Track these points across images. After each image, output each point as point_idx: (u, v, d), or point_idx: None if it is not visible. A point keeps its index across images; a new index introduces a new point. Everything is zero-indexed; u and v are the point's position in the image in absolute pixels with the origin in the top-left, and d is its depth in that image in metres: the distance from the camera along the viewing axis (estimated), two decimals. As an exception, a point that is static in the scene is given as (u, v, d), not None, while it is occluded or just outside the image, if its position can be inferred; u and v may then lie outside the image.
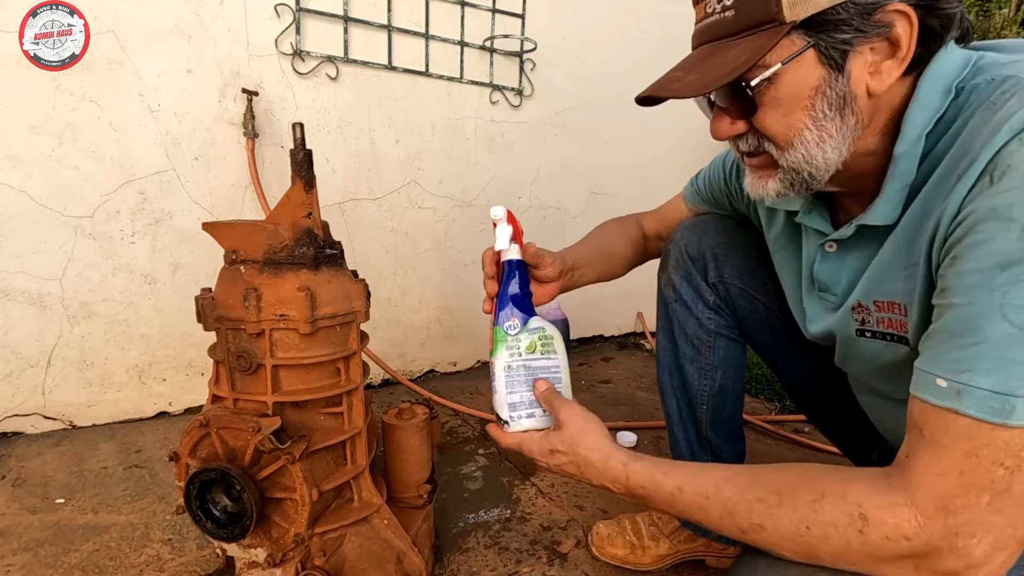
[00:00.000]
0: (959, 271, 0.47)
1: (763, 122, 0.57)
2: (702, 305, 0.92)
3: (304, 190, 0.78)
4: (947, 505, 0.46)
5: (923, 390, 0.48)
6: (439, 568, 0.98)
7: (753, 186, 0.64)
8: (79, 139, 1.31)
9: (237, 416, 0.73)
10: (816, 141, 0.56)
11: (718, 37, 0.57)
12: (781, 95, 0.55)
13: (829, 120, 0.55)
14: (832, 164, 0.57)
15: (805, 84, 0.54)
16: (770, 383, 1.84)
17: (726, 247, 0.91)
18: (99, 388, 1.43)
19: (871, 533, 0.48)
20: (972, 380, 0.45)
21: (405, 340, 1.83)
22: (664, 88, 0.59)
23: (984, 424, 0.44)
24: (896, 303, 0.59)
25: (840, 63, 0.53)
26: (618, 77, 2.05)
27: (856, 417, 0.86)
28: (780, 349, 0.94)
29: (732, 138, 0.62)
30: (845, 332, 0.68)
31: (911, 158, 0.55)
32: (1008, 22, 2.66)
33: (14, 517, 1.06)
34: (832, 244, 0.67)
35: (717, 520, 0.57)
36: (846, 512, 0.49)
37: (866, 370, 0.70)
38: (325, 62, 1.54)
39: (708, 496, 0.57)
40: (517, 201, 1.97)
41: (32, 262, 1.31)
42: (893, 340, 0.61)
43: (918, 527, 0.46)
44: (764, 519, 0.53)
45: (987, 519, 0.45)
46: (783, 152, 0.58)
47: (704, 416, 0.96)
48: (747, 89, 0.55)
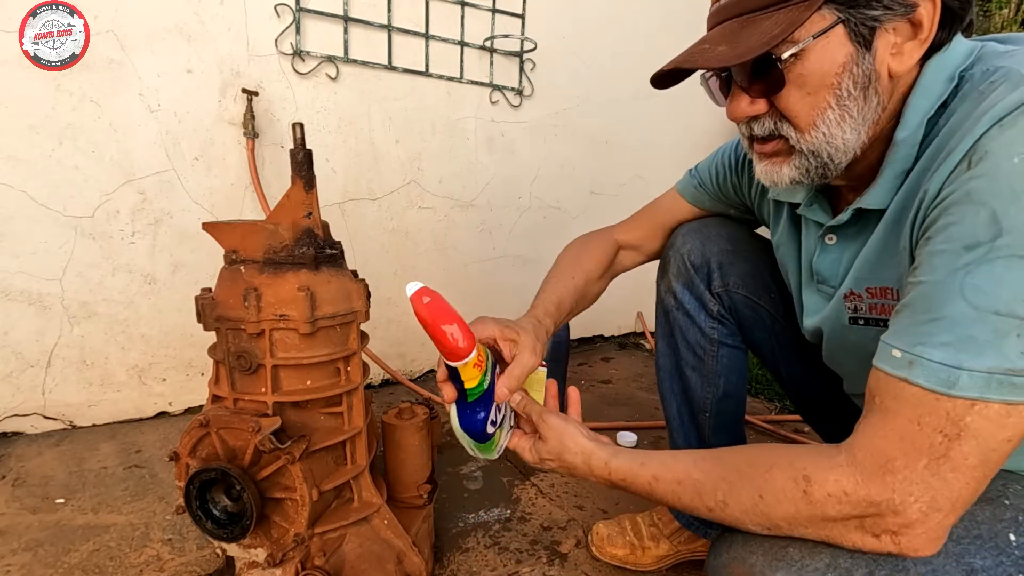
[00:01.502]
0: (930, 251, 0.49)
1: (787, 100, 0.56)
2: (705, 315, 0.91)
3: (304, 190, 0.78)
4: (886, 465, 0.48)
5: (881, 360, 0.50)
6: (439, 568, 0.98)
7: (766, 173, 0.62)
8: (79, 139, 1.31)
9: (237, 416, 0.73)
10: (838, 121, 0.55)
11: (746, 11, 0.55)
12: (808, 72, 0.54)
13: (852, 100, 0.54)
14: (851, 147, 0.56)
15: (833, 61, 0.53)
16: (770, 383, 1.84)
17: (730, 254, 0.89)
18: (99, 388, 1.43)
19: (814, 492, 0.51)
20: (924, 352, 0.46)
21: (405, 340, 1.83)
22: (692, 60, 0.57)
23: (930, 393, 0.46)
24: (888, 288, 0.60)
25: (868, 40, 0.52)
26: (618, 77, 2.05)
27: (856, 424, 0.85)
28: (783, 355, 0.93)
29: (747, 121, 0.60)
30: (838, 321, 0.68)
31: (910, 144, 0.56)
32: (1008, 22, 2.66)
33: (14, 517, 1.06)
34: (832, 236, 0.67)
35: (689, 502, 0.59)
36: (792, 477, 0.52)
37: (857, 363, 0.69)
38: (325, 62, 1.54)
39: (680, 481, 0.60)
40: (517, 201, 1.97)
41: (32, 262, 1.31)
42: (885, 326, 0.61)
43: (856, 483, 0.49)
44: (727, 495, 0.56)
45: (924, 480, 0.47)
46: (803, 134, 0.57)
47: (706, 423, 0.95)
48: (777, 63, 0.53)
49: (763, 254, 0.90)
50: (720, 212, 0.93)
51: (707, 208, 0.94)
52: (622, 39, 2.04)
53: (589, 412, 1.66)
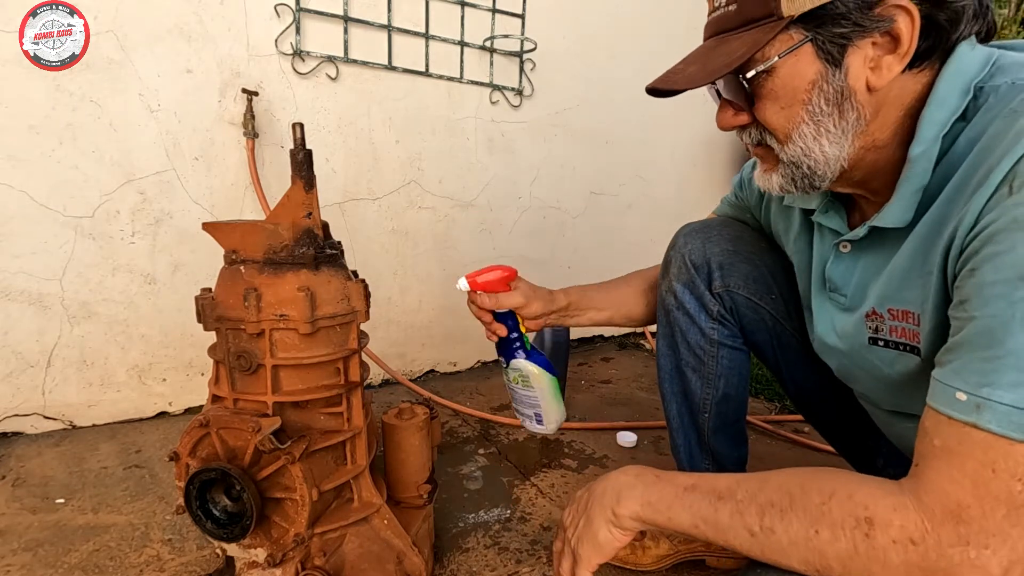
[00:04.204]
0: (979, 283, 0.46)
1: (763, 114, 0.58)
2: (705, 316, 0.91)
3: (304, 190, 0.78)
4: (959, 513, 0.44)
5: (942, 402, 0.47)
6: (439, 568, 0.98)
7: (760, 179, 0.65)
8: (79, 139, 1.31)
9: (237, 416, 0.73)
10: (813, 135, 0.56)
11: (722, 31, 0.58)
12: (779, 88, 0.56)
13: (826, 115, 0.55)
14: (833, 160, 0.57)
15: (802, 78, 0.54)
16: (770, 383, 1.84)
17: (731, 255, 0.89)
18: (99, 388, 1.43)
19: (877, 536, 0.46)
20: (993, 395, 0.43)
21: (405, 340, 1.83)
22: (667, 80, 0.61)
23: (1003, 439, 0.43)
24: (910, 312, 0.58)
25: (838, 58, 0.53)
26: (618, 77, 2.05)
27: (861, 424, 0.85)
28: (786, 357, 0.93)
29: (737, 130, 0.63)
30: (857, 340, 0.66)
31: (927, 160, 0.54)
32: (1008, 22, 2.66)
33: (14, 517, 1.06)
34: (846, 244, 0.66)
35: (727, 520, 0.55)
36: (853, 514, 0.48)
37: (875, 383, 0.69)
38: (325, 62, 1.54)
39: (721, 496, 0.56)
40: (517, 201, 1.97)
41: (32, 262, 1.31)
42: (905, 350, 0.60)
43: (924, 531, 0.45)
44: (775, 521, 0.52)
45: (1003, 530, 0.42)
46: (783, 146, 0.59)
47: (706, 424, 0.95)
48: (744, 82, 0.56)
49: (766, 255, 0.90)
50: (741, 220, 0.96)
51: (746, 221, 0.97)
52: (622, 39, 2.04)
53: (589, 412, 1.66)
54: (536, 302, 0.91)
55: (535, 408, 0.92)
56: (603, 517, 0.63)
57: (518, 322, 0.90)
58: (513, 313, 0.90)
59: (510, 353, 0.90)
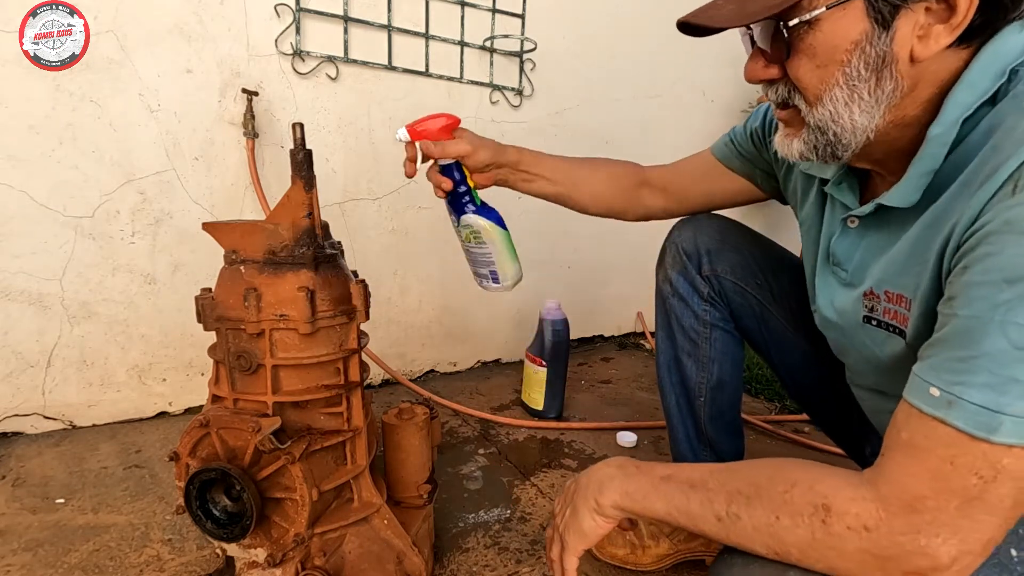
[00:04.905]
0: (967, 282, 0.46)
1: (796, 70, 0.54)
2: (697, 297, 0.95)
3: (304, 190, 0.78)
4: (914, 504, 0.45)
5: (915, 396, 0.47)
6: (439, 568, 0.98)
7: (780, 143, 0.62)
8: (79, 139, 1.31)
9: (237, 416, 0.73)
10: (845, 100, 0.53)
11: None
12: (818, 43, 0.52)
13: (863, 81, 0.52)
14: (861, 130, 0.54)
15: (845, 36, 0.51)
16: (770, 383, 1.84)
17: (719, 243, 0.94)
18: (99, 388, 1.43)
19: (833, 523, 0.48)
20: (964, 393, 0.44)
21: (405, 340, 1.83)
22: (702, 15, 0.56)
23: (966, 435, 0.43)
24: (903, 296, 0.58)
25: (888, 19, 0.49)
26: (618, 77, 2.04)
27: (851, 411, 0.86)
28: (775, 341, 0.96)
29: (764, 84, 0.59)
30: (853, 318, 0.67)
31: (942, 143, 0.52)
32: (1008, 22, 2.66)
33: (14, 517, 1.06)
34: (854, 220, 0.65)
35: (698, 508, 0.56)
36: (812, 502, 0.49)
37: (864, 362, 0.69)
38: (325, 62, 1.54)
39: (693, 485, 0.58)
40: (517, 201, 1.96)
41: (32, 262, 1.31)
42: (894, 332, 0.60)
43: (879, 520, 0.46)
44: (741, 509, 0.53)
45: (954, 521, 0.44)
46: (811, 108, 0.56)
47: (702, 410, 0.97)
48: (784, 30, 0.52)
49: (752, 246, 0.94)
50: (745, 174, 0.92)
51: (735, 167, 0.92)
52: (622, 39, 2.04)
53: (589, 412, 1.66)
54: (483, 151, 0.89)
55: (490, 266, 0.91)
56: (587, 507, 0.65)
57: (465, 175, 0.87)
58: (460, 165, 0.86)
59: (459, 208, 0.87)
